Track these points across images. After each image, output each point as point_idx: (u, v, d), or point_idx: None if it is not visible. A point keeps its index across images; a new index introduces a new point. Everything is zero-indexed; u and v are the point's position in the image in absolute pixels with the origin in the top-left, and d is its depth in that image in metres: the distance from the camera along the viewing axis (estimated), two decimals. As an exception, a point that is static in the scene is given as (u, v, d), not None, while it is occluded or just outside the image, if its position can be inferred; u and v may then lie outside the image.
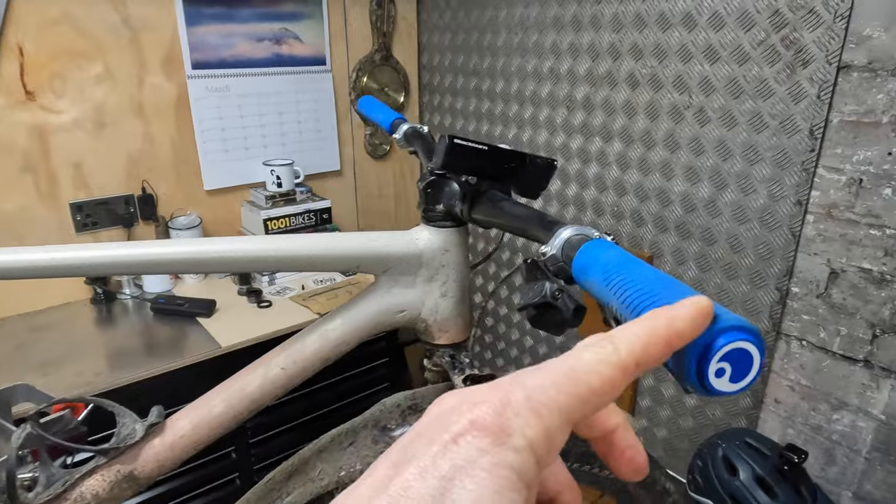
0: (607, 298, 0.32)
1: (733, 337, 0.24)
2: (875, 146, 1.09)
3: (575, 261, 0.37)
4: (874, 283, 1.14)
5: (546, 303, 0.41)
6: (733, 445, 1.25)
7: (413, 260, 0.60)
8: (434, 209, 0.60)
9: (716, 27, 1.26)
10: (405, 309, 0.61)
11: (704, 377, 0.24)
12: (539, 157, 0.55)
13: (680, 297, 0.26)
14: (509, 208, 0.53)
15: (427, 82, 2.05)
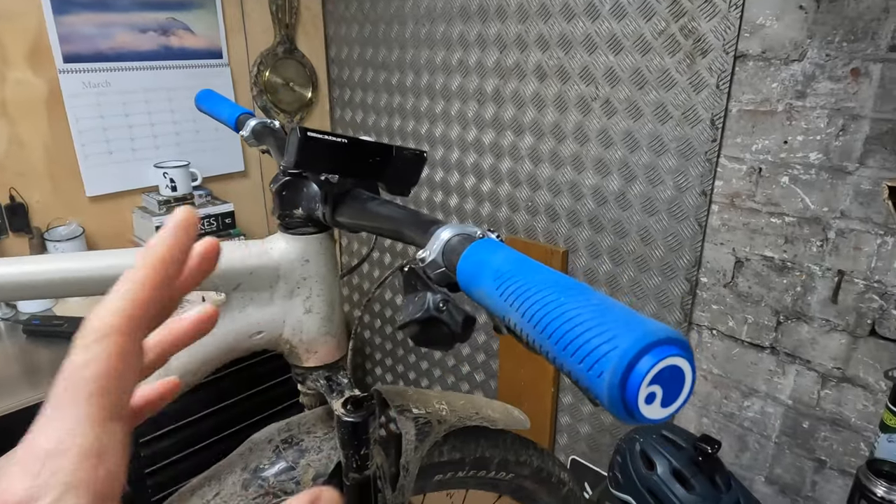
0: (502, 309, 0.26)
1: (663, 353, 0.18)
2: (772, 135, 1.10)
3: (460, 266, 0.31)
4: (776, 271, 1.16)
5: (431, 317, 0.34)
6: (650, 439, 1.24)
7: (268, 273, 0.52)
8: (291, 214, 0.52)
9: (618, 17, 1.24)
10: (262, 330, 0.54)
11: (633, 408, 0.18)
12: (407, 148, 0.48)
13: (585, 304, 0.21)
14: (378, 209, 0.46)
15: (336, 76, 1.95)
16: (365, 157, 0.47)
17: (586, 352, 0.20)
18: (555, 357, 0.22)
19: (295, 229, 0.53)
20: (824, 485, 1.19)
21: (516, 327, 0.25)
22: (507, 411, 0.76)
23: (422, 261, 0.34)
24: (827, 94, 1.02)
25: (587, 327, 0.21)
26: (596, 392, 0.20)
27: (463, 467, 0.72)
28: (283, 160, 0.46)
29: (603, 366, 0.19)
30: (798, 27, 1.03)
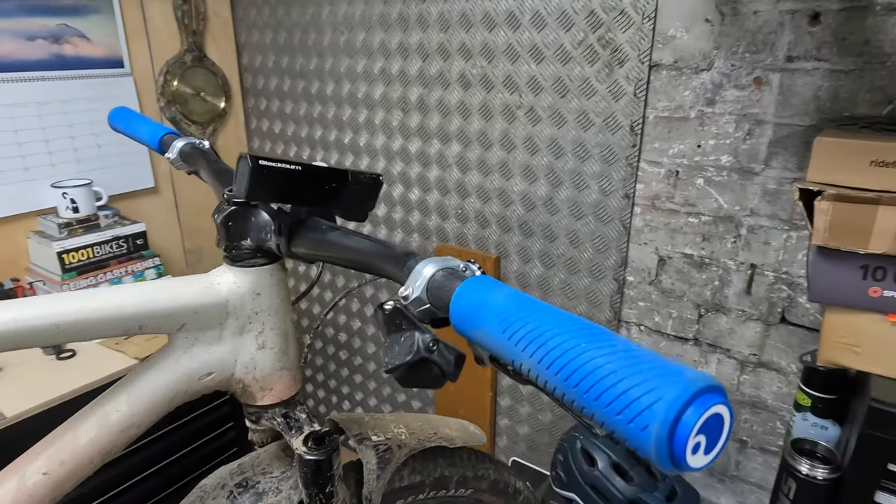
0: (510, 353, 0.25)
1: (707, 404, 0.19)
2: (686, 139, 1.17)
3: (454, 305, 0.29)
4: (696, 267, 1.23)
5: (422, 359, 0.32)
6: (590, 436, 1.28)
7: (216, 310, 0.49)
8: (238, 246, 0.48)
9: (538, 27, 1.27)
10: (212, 371, 0.50)
11: (682, 460, 0.18)
12: (362, 172, 0.46)
13: (611, 350, 0.20)
14: (342, 240, 0.43)
15: (250, 85, 1.87)
16: (320, 184, 0.45)
17: (624, 404, 0.20)
18: (583, 406, 0.22)
19: (243, 262, 0.49)
20: (747, 463, 1.28)
21: (530, 373, 0.24)
22: (463, 427, 0.76)
23: (404, 298, 0.33)
24: (734, 101, 1.10)
25: (620, 377, 0.20)
26: (638, 444, 0.20)
27: (423, 490, 0.71)
28: (232, 189, 0.43)
29: (647, 419, 0.19)
30: (706, 39, 1.10)
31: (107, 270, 1.48)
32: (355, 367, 1.93)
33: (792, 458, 0.88)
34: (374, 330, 1.83)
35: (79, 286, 1.43)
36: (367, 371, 1.90)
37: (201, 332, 0.49)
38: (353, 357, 1.92)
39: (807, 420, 1.03)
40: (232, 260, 0.49)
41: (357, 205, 0.47)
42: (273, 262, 0.50)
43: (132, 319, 0.45)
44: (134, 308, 0.45)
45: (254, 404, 0.54)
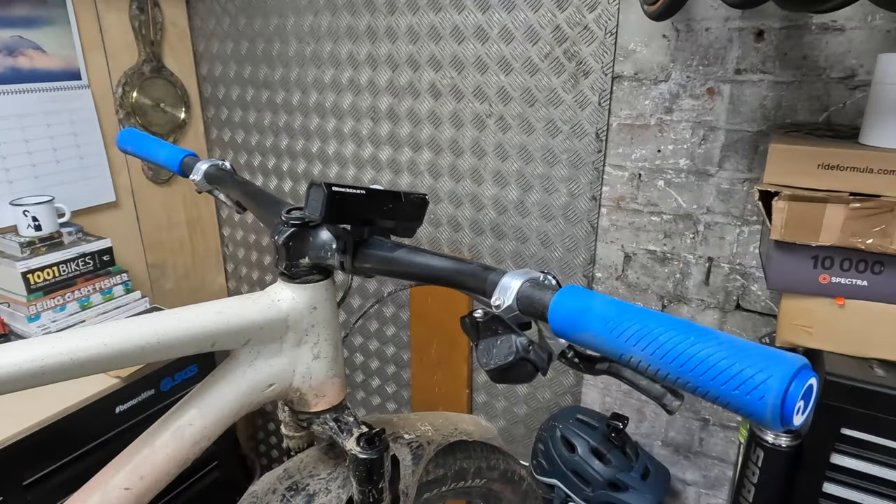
0: (619, 349, 0.31)
1: (805, 378, 0.27)
2: (647, 145, 1.27)
3: (553, 312, 0.35)
4: (659, 262, 1.33)
5: (521, 359, 0.38)
6: (568, 424, 1.36)
7: (277, 325, 0.52)
8: (297, 264, 0.52)
9: (506, 40, 1.34)
10: (274, 382, 0.53)
11: (790, 420, 0.26)
12: (412, 193, 0.51)
13: (717, 341, 0.27)
14: (413, 257, 0.48)
15: (210, 95, 1.85)
16: (379, 205, 0.49)
17: (741, 381, 0.26)
18: (696, 387, 0.28)
19: (300, 278, 0.53)
20: (709, 439, 1.39)
21: (640, 364, 0.30)
22: (477, 422, 0.81)
23: (497, 307, 0.38)
24: (689, 110, 1.21)
25: (733, 361, 0.26)
26: (753, 411, 0.26)
27: (446, 482, 0.76)
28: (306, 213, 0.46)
29: (763, 392, 0.25)
30: (663, 53, 1.20)
31: (74, 289, 1.44)
32: (328, 374, 1.94)
33: (759, 430, 0.99)
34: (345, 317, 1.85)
35: (46, 306, 1.38)
36: (354, 364, 1.92)
37: (263, 346, 0.52)
38: (325, 363, 1.94)
39: (764, 396, 1.15)
40: (290, 277, 0.53)
41: (408, 223, 0.52)
42: (326, 277, 0.54)
43: (207, 338, 0.48)
44: (209, 327, 0.48)
45: (308, 411, 0.57)
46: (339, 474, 0.61)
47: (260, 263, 1.98)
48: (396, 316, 1.74)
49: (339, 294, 1.71)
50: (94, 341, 0.43)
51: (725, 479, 1.41)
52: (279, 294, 0.53)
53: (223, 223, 2.00)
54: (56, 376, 0.41)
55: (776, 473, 0.98)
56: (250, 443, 2.28)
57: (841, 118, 1.08)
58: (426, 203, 0.53)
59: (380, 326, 1.78)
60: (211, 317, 0.48)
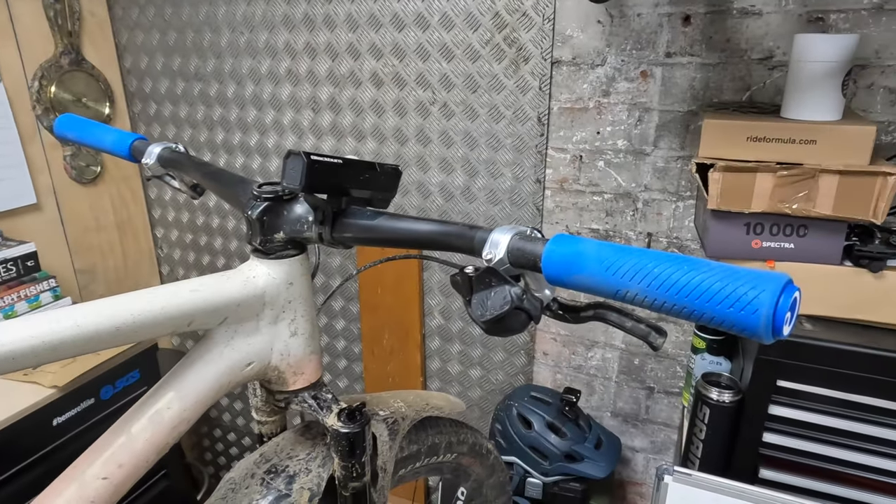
0: (615, 285, 0.33)
1: (792, 291, 0.30)
2: (587, 127, 1.32)
3: (547, 260, 0.37)
4: (601, 239, 1.38)
5: (516, 308, 0.39)
6: (523, 402, 1.40)
7: (254, 302, 0.51)
8: (272, 239, 0.51)
9: (447, 27, 1.35)
10: (252, 360, 0.52)
11: (780, 330, 0.29)
12: (386, 164, 0.51)
13: (708, 267, 0.30)
14: (396, 224, 0.48)
15: (136, 89, 1.76)
16: (356, 175, 0.49)
17: (735, 299, 0.28)
18: (693, 310, 0.30)
19: (275, 254, 0.52)
20: (654, 406, 1.47)
21: (636, 297, 0.32)
22: (446, 399, 0.82)
23: (488, 261, 0.39)
24: (625, 92, 1.26)
25: (726, 282, 0.29)
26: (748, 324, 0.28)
27: (420, 458, 0.77)
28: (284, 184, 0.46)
29: (756, 306, 0.28)
30: (598, 38, 1.25)
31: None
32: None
33: (704, 389, 1.05)
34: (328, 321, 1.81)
35: (-35, 318, 1.28)
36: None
37: (240, 324, 0.51)
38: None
39: (704, 359, 1.22)
40: (265, 253, 0.52)
41: (381, 194, 0.52)
42: (302, 252, 0.54)
43: (184, 317, 0.46)
44: (185, 306, 0.46)
45: (286, 390, 0.56)
46: (319, 454, 0.61)
47: (198, 264, 1.91)
48: (346, 309, 1.72)
49: None
50: (66, 323, 0.40)
51: (671, 442, 1.49)
52: (254, 270, 0.52)
53: (156, 224, 1.91)
54: (27, 361, 0.39)
55: (722, 428, 1.05)
56: (195, 451, 2.20)
57: (762, 96, 1.16)
58: (399, 173, 0.53)
59: (329, 321, 1.76)
60: (187, 295, 0.47)
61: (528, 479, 1.37)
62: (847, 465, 0.97)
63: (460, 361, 1.63)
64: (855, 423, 0.95)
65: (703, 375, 1.08)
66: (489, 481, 0.95)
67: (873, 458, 0.95)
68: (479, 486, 0.95)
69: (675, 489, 0.98)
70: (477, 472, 0.92)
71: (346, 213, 0.50)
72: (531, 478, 1.37)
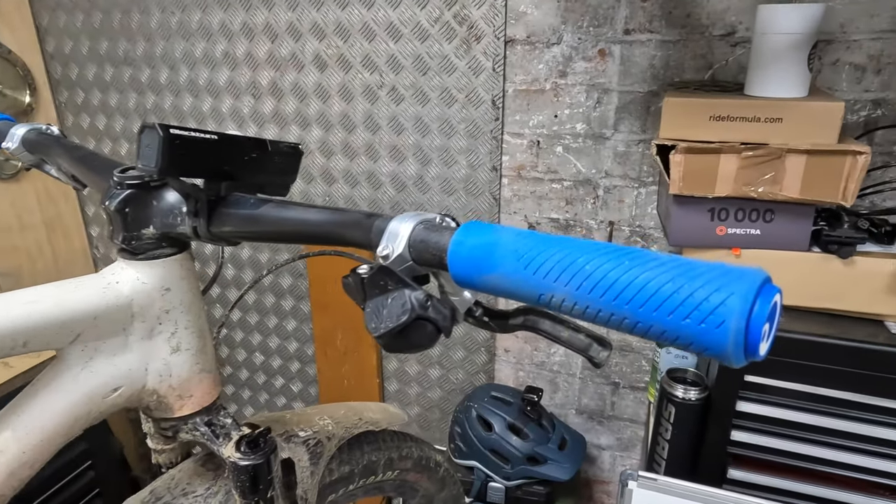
0: (538, 289, 0.24)
1: (771, 293, 0.21)
2: (544, 110, 1.24)
3: (454, 255, 0.27)
4: (562, 229, 1.31)
5: (418, 317, 0.30)
6: (483, 403, 1.32)
7: (118, 314, 0.41)
8: (140, 236, 0.42)
9: (393, 4, 1.26)
10: (121, 385, 0.43)
11: (755, 349, 0.21)
12: (282, 142, 0.42)
13: (657, 263, 0.21)
14: (283, 212, 0.39)
15: (61, 76, 1.62)
16: (239, 156, 0.40)
17: (692, 307, 0.20)
18: (636, 322, 0.22)
19: (146, 253, 0.43)
20: (620, 402, 1.41)
21: (563, 303, 0.24)
22: (384, 409, 0.74)
23: (384, 258, 0.30)
24: (583, 73, 1.19)
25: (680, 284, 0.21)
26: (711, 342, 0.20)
27: (353, 479, 0.68)
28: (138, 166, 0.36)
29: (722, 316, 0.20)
30: (553, 14, 1.17)
31: None
32: (222, 360, 1.79)
33: (669, 387, 0.99)
34: (242, 315, 1.71)
35: None
36: (236, 360, 1.77)
37: (101, 341, 0.41)
38: (218, 349, 1.78)
39: (670, 353, 1.16)
40: (132, 253, 0.42)
41: (278, 178, 0.43)
42: (181, 251, 0.44)
43: (15, 337, 0.36)
44: (17, 322, 0.36)
45: (171, 417, 0.47)
46: (221, 488, 0.52)
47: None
48: (297, 309, 1.62)
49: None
50: None
51: (638, 439, 1.43)
52: (119, 275, 0.42)
53: (90, 222, 1.78)
54: None
55: (688, 428, 0.98)
56: (143, 463, 2.07)
57: (725, 74, 1.10)
58: (300, 153, 0.44)
59: (279, 321, 1.65)
60: (19, 309, 0.37)
61: (489, 484, 1.30)
62: (818, 462, 0.92)
63: (419, 361, 1.55)
64: (825, 417, 0.90)
65: (668, 372, 1.02)
66: (440, 496, 0.87)
67: (844, 454, 0.90)
68: (427, 503, 0.87)
69: (640, 495, 0.91)
70: (425, 488, 0.84)
71: (226, 201, 0.41)
72: (493, 482, 1.30)
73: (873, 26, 1.00)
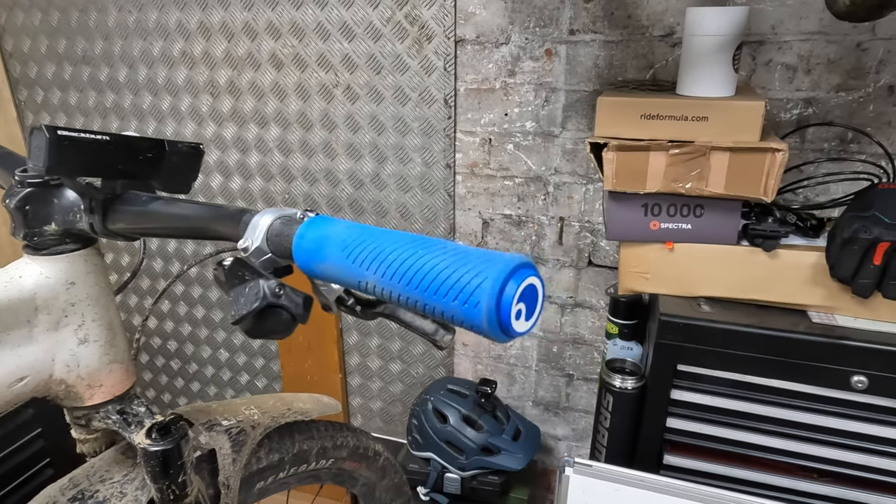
0: (356, 276, 0.26)
1: (523, 276, 0.23)
2: (495, 109, 1.27)
3: (296, 245, 0.30)
4: (515, 225, 1.34)
5: (269, 305, 0.33)
6: (439, 396, 1.35)
7: (21, 307, 0.43)
8: (41, 232, 0.44)
9: (346, 4, 1.28)
10: (25, 375, 0.44)
11: (508, 325, 0.23)
12: (180, 142, 0.44)
13: (443, 252, 0.24)
14: (167, 209, 0.41)
15: (20, 74, 1.62)
16: (134, 155, 0.42)
17: (458, 289, 0.23)
18: (425, 304, 0.24)
19: (49, 249, 0.44)
20: (574, 393, 1.44)
21: (375, 289, 0.27)
22: (316, 400, 0.76)
23: (244, 250, 0.33)
24: (531, 72, 1.22)
25: (453, 269, 0.23)
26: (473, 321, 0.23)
27: (283, 468, 0.70)
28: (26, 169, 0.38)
29: (478, 297, 0.22)
30: (501, 15, 1.20)
31: None
32: (188, 357, 1.80)
33: (607, 377, 1.02)
34: (206, 312, 1.72)
35: None
36: (202, 357, 1.79)
37: (5, 332, 0.43)
38: (183, 346, 1.79)
39: (616, 345, 1.20)
40: (35, 249, 0.44)
41: (177, 176, 0.45)
42: (86, 246, 0.46)
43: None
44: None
45: (81, 405, 0.49)
46: (138, 474, 0.54)
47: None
48: (259, 305, 1.63)
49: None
50: None
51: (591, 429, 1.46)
52: (22, 270, 0.44)
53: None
54: None
55: (625, 416, 1.02)
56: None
57: (665, 74, 1.13)
58: (200, 153, 0.46)
59: (242, 318, 1.67)
60: (-83, 302, 0.39)
61: (445, 475, 1.33)
62: (748, 447, 0.96)
63: (380, 356, 1.57)
64: (753, 404, 0.94)
65: (608, 363, 1.05)
66: (381, 484, 0.90)
67: (773, 439, 0.94)
68: (370, 491, 0.89)
69: (576, 481, 0.94)
70: (365, 476, 0.86)
71: (121, 199, 0.43)
72: (449, 473, 1.32)
73: (802, 28, 1.04)
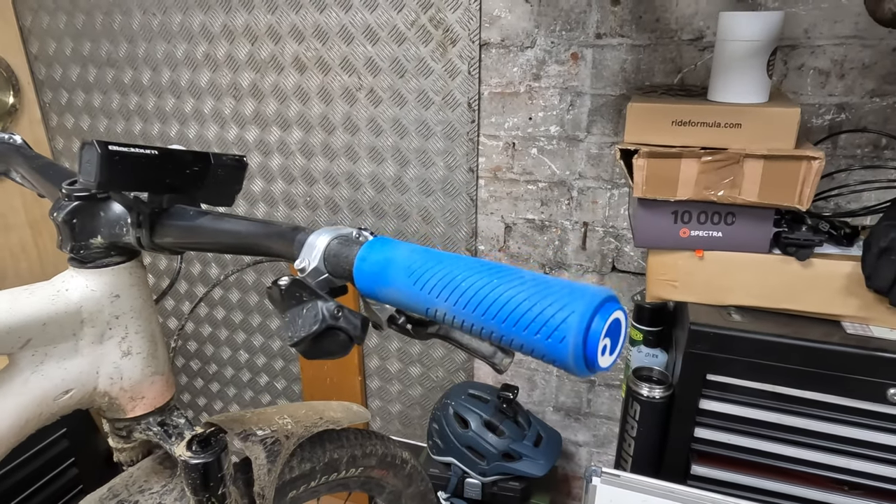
0: (424, 303, 0.26)
1: (609, 311, 0.22)
2: (519, 113, 1.26)
3: (358, 269, 0.30)
4: (538, 230, 1.34)
5: (329, 327, 0.32)
6: (460, 401, 1.34)
7: (67, 320, 0.43)
8: (88, 245, 0.44)
9: (370, 8, 1.27)
10: (70, 388, 0.44)
11: (594, 362, 0.21)
12: (225, 155, 0.44)
13: (521, 282, 0.23)
14: (217, 224, 0.41)
15: (45, 77, 1.63)
16: (180, 169, 0.42)
17: (541, 322, 0.22)
18: (501, 335, 0.24)
19: (95, 262, 0.44)
20: (596, 399, 1.43)
21: (445, 317, 0.26)
22: (346, 408, 0.76)
23: (301, 270, 0.32)
24: (556, 76, 1.21)
25: (534, 302, 0.23)
26: (556, 356, 0.22)
27: (315, 477, 0.70)
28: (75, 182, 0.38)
29: (563, 332, 0.22)
30: (527, 18, 1.19)
31: None
32: (207, 357, 1.81)
33: (635, 385, 1.01)
34: (226, 314, 1.73)
35: None
36: (221, 358, 1.79)
37: (52, 345, 0.43)
38: (203, 347, 1.80)
39: (641, 352, 1.18)
40: (81, 262, 0.44)
41: (222, 189, 0.45)
42: (130, 259, 0.46)
43: (-38, 342, 0.38)
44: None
45: (124, 417, 0.49)
46: (177, 485, 0.54)
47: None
48: (279, 307, 1.64)
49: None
50: None
51: (613, 436, 1.45)
52: (68, 283, 0.44)
53: (76, 221, 1.79)
54: None
55: (653, 425, 1.01)
56: (131, 459, 2.09)
57: (693, 79, 1.12)
58: (244, 165, 0.46)
59: (262, 320, 1.67)
60: (-32, 316, 0.39)
61: (466, 480, 1.32)
62: (778, 459, 0.95)
63: (399, 359, 1.57)
64: (784, 415, 0.92)
65: (634, 371, 1.04)
66: (407, 492, 0.89)
67: (804, 451, 0.93)
68: (396, 498, 0.89)
69: (603, 491, 0.94)
70: (392, 484, 0.86)
71: (169, 213, 0.43)
72: (469, 478, 1.32)
73: (836, 32, 1.02)
